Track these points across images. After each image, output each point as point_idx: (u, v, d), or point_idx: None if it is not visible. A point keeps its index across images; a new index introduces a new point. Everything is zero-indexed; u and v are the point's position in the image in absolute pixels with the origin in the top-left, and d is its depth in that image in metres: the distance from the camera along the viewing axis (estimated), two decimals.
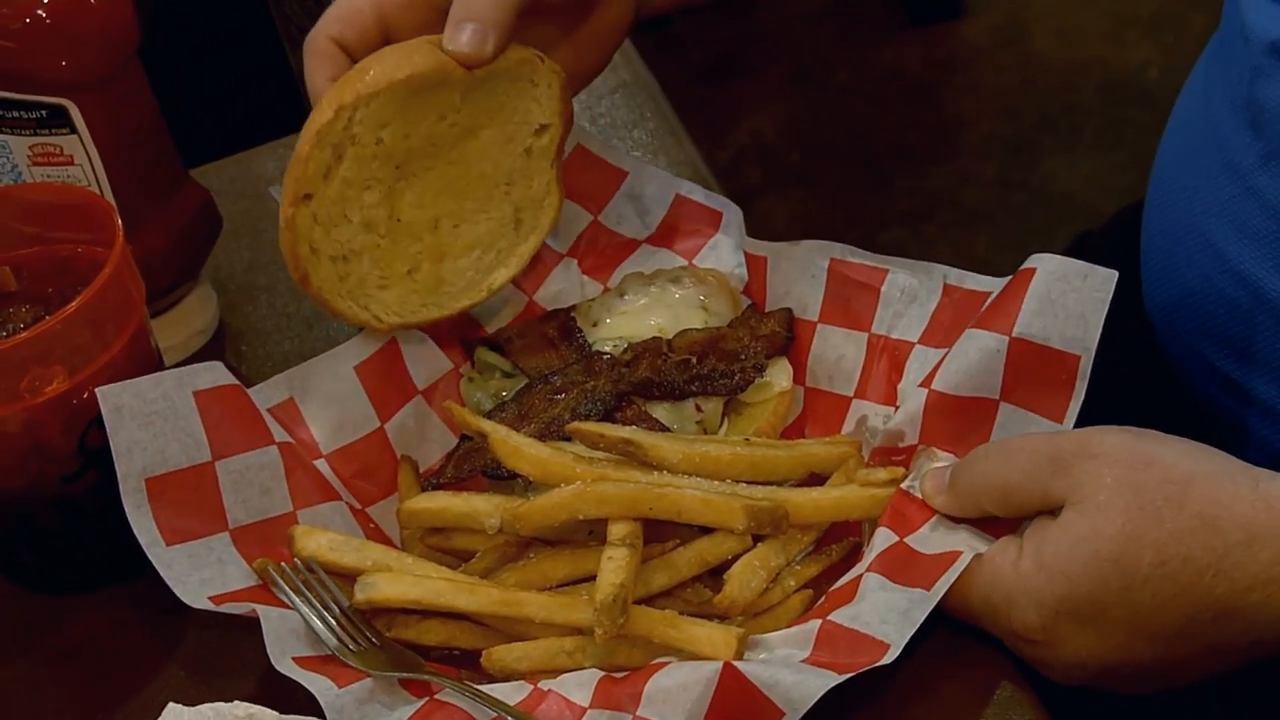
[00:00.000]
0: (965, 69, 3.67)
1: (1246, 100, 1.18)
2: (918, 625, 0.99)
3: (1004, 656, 1.04)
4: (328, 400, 1.22)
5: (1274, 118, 1.14)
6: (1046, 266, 1.08)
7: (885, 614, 1.00)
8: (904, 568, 1.03)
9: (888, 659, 0.98)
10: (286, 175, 1.15)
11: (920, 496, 1.08)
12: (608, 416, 1.16)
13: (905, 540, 1.05)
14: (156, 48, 1.30)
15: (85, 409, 1.09)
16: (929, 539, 1.05)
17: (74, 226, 1.17)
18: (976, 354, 1.09)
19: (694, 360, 1.19)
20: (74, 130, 1.26)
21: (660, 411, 1.17)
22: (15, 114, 1.25)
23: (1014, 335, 1.08)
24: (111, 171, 1.28)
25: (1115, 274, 1.07)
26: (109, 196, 1.28)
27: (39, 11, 1.21)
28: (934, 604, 1.00)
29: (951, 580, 1.00)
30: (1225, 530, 0.94)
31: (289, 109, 1.50)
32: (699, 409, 1.18)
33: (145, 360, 1.16)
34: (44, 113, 1.25)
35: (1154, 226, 1.33)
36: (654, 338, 1.20)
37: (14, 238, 1.19)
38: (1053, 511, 1.00)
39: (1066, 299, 1.07)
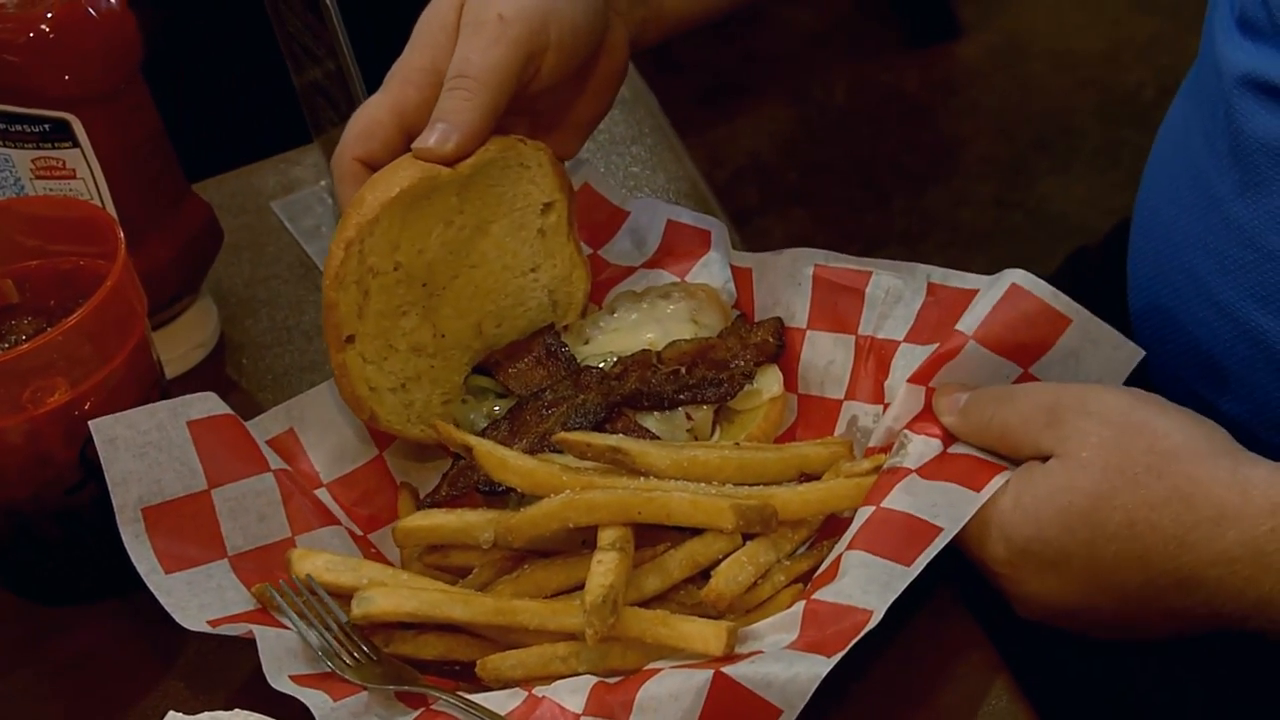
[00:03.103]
0: (962, 90, 3.68)
1: (1222, 132, 1.20)
2: (899, 593, 1.00)
3: (999, 667, 1.05)
4: (326, 429, 1.23)
5: (1248, 149, 1.16)
6: (1082, 321, 1.10)
7: (867, 585, 1.01)
8: (881, 535, 1.04)
9: (873, 624, 0.99)
10: (324, 324, 1.16)
11: (899, 468, 1.09)
12: (598, 428, 1.15)
13: (881, 506, 1.06)
14: (159, 63, 1.31)
15: (87, 420, 1.09)
16: (901, 500, 1.06)
17: (76, 239, 1.18)
18: (988, 374, 1.11)
19: (683, 370, 1.19)
20: (76, 144, 1.26)
21: (651, 422, 1.17)
22: (18, 128, 1.26)
23: (1029, 370, 1.11)
24: (114, 185, 1.29)
25: (1143, 352, 1.11)
26: (111, 210, 1.28)
27: (42, 26, 1.21)
28: (912, 579, 1.01)
29: (930, 557, 1.02)
30: (1197, 507, 0.97)
31: (290, 125, 1.51)
32: (689, 418, 1.18)
33: (146, 373, 1.16)
34: (47, 127, 1.26)
35: (1138, 256, 1.34)
36: (643, 350, 1.20)
37: (16, 250, 1.20)
38: (1043, 459, 1.03)
39: (1088, 361, 1.11)
